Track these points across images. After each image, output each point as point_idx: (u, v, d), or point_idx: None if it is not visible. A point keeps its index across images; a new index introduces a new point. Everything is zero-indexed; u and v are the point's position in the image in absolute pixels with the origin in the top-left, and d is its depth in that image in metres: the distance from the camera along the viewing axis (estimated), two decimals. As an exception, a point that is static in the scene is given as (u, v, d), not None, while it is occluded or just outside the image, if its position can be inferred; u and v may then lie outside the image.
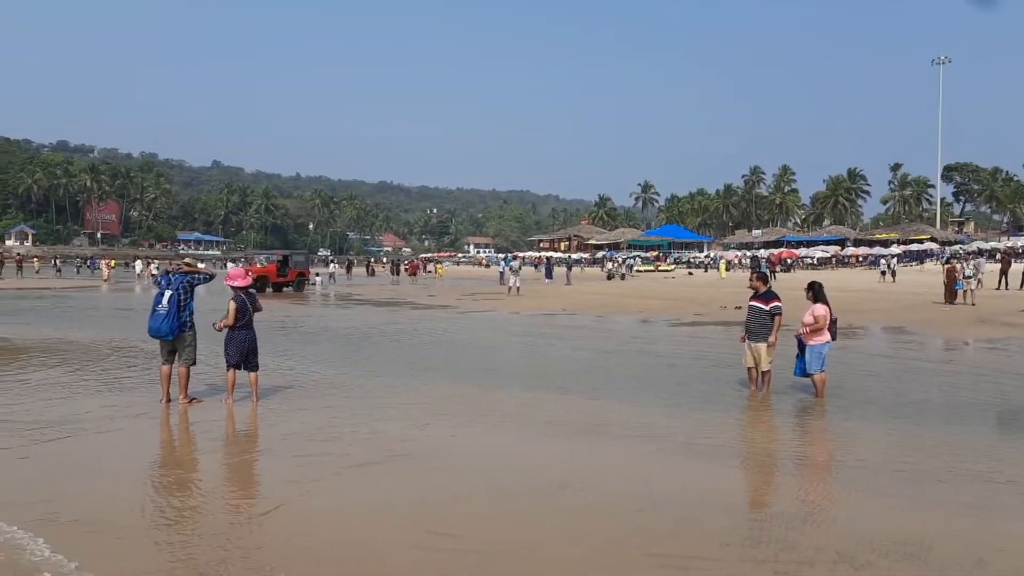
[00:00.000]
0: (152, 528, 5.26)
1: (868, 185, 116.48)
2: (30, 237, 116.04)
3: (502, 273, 48.57)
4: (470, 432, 8.20)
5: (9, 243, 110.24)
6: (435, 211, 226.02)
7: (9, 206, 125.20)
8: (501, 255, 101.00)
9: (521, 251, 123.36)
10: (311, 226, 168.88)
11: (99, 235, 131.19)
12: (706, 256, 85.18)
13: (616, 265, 60.83)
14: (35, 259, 70.95)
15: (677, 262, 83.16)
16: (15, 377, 11.41)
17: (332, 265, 58.56)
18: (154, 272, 48.85)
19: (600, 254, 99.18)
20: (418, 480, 6.43)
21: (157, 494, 6.06)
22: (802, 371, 10.15)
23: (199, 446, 7.90)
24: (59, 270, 61.13)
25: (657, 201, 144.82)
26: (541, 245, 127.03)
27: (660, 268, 73.12)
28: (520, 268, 38.28)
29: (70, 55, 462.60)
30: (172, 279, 9.33)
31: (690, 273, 63.27)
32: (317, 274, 48.02)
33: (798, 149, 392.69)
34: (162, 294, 9.22)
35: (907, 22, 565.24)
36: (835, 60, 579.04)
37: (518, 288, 34.85)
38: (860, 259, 74.06)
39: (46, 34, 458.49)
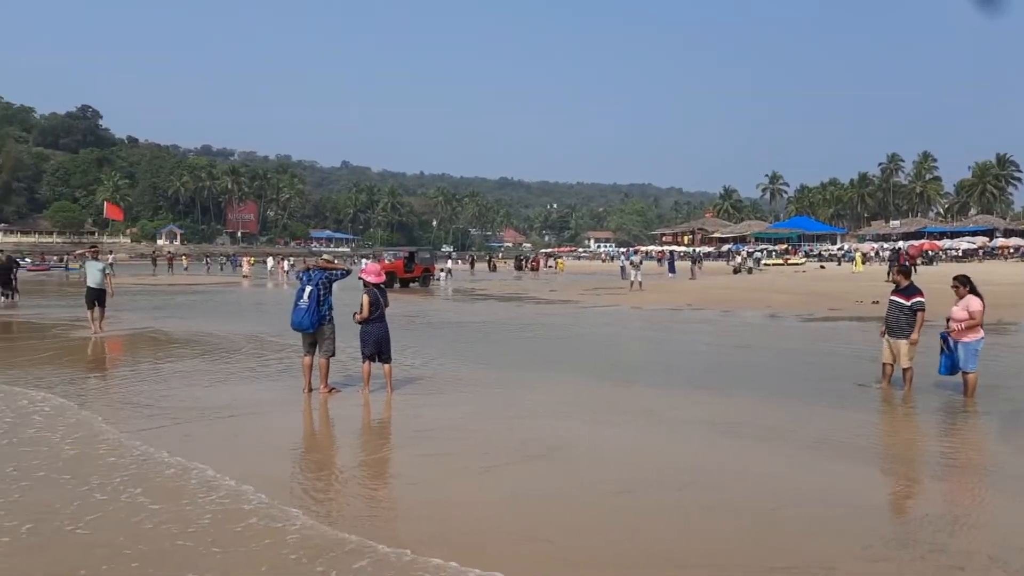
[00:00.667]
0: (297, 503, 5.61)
1: (1020, 172, 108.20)
2: (179, 236, 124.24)
3: (623, 268, 48.15)
4: (602, 428, 8.22)
5: (160, 242, 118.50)
6: (555, 206, 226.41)
7: (160, 207, 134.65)
8: (622, 249, 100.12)
9: (643, 245, 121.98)
10: (434, 223, 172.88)
11: (239, 234, 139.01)
12: (839, 249, 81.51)
13: (743, 259, 59.13)
14: (184, 257, 76.13)
15: (808, 255, 79.99)
16: (175, 367, 12.32)
17: (448, 261, 58.89)
18: (286, 268, 51.29)
19: (725, 247, 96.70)
20: (555, 476, 6.52)
21: (302, 474, 6.42)
22: (948, 369, 9.61)
23: (338, 433, 8.32)
24: (210, 267, 65.25)
25: (786, 192, 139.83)
26: (664, 239, 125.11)
27: (789, 262, 70.51)
28: (642, 263, 37.81)
29: (211, 66, 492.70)
30: (312, 275, 9.82)
31: (822, 267, 60.70)
32: (442, 269, 49.16)
33: (940, 134, 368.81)
34: (303, 289, 9.74)
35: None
36: (981, 36, 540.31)
37: (640, 283, 34.50)
38: (1012, 251, 68.91)
39: (190, 48, 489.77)
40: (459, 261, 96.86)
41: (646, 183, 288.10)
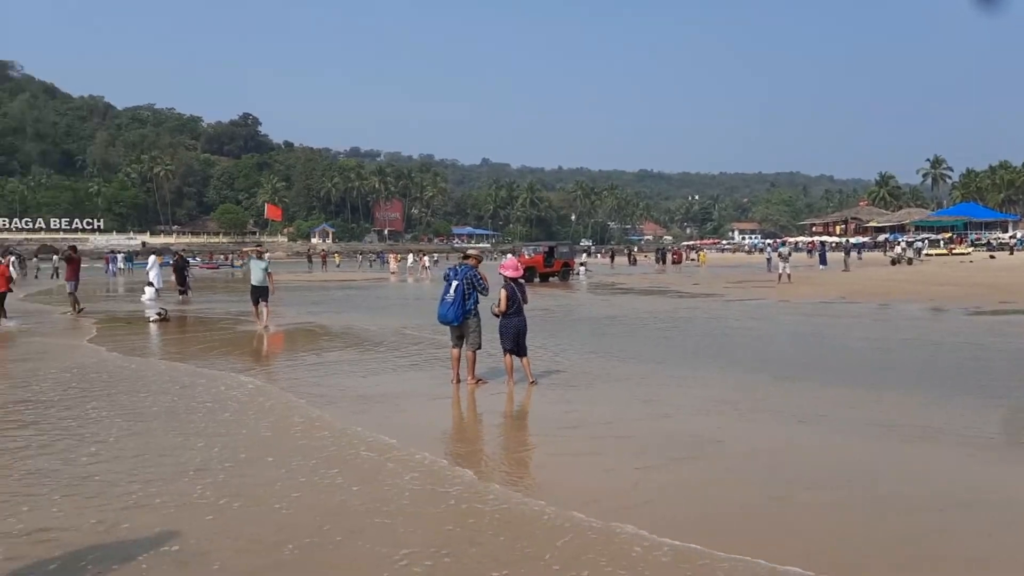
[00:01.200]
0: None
1: None
2: (330, 235, 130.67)
3: (769, 260, 46.47)
4: (756, 427, 8.00)
5: (314, 240, 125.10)
6: (696, 197, 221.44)
7: (313, 208, 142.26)
8: (768, 241, 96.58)
9: (791, 236, 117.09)
10: (573, 217, 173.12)
11: (386, 232, 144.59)
12: (1011, 237, 75.23)
13: (902, 249, 55.68)
14: (336, 254, 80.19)
15: (975, 244, 74.31)
16: (335, 357, 13.00)
17: (584, 255, 57.82)
18: (426, 264, 52.66)
19: (882, 237, 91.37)
20: (710, 473, 6.42)
21: (454, 464, 6.63)
22: None
23: (486, 423, 8.52)
24: (361, 264, 67.58)
25: (949, 177, 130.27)
26: (814, 229, 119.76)
27: (954, 251, 65.74)
28: (790, 254, 36.35)
29: (357, 71, 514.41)
30: (459, 271, 10.09)
31: (991, 256, 56.23)
32: (581, 264, 49.14)
33: None
34: (450, 284, 10.03)
35: None
36: None
37: (788, 275, 33.18)
38: None
39: (337, 54, 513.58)
40: (598, 255, 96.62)
41: (794, 171, 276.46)
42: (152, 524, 5.05)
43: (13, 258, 36.65)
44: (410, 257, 60.07)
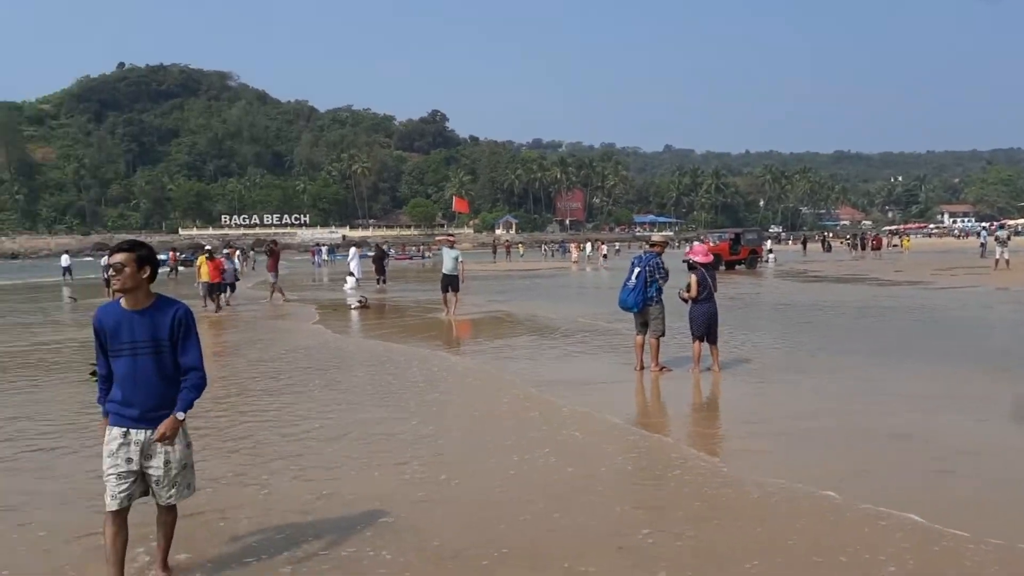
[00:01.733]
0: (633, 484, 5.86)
1: None
2: (514, 226, 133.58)
3: (984, 244, 42.44)
4: (979, 425, 7.45)
5: (498, 231, 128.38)
6: (900, 179, 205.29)
7: (498, 200, 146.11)
8: (984, 224, 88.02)
9: (1010, 218, 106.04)
10: (761, 203, 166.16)
11: (567, 221, 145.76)
12: None
13: None
14: (519, 244, 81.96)
15: None
16: (520, 343, 13.41)
17: (768, 242, 53.69)
18: (604, 252, 52.43)
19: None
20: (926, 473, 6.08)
21: (638, 451, 6.68)
22: None
23: (674, 409, 8.49)
24: (545, 253, 67.90)
25: None
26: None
27: None
28: (1009, 238, 32.98)
29: (528, 64, 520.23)
30: (643, 258, 10.08)
31: None
32: (769, 251, 47.21)
33: None
34: (632, 271, 10.04)
35: None
36: None
37: (1007, 260, 30.15)
38: None
39: (512, 52, 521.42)
40: (788, 242, 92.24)
41: (1013, 147, 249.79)
42: (369, 496, 5.44)
43: (239, 251, 40.54)
44: (588, 246, 60.13)
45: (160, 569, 4.13)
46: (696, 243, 15.00)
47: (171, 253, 44.82)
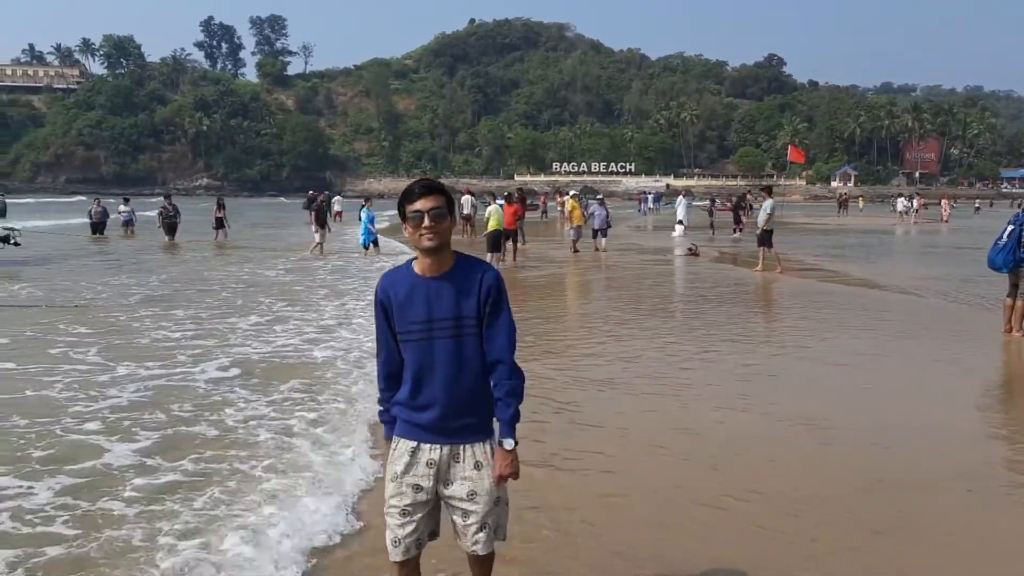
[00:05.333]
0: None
1: None
2: (852, 178, 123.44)
3: None
4: None
5: (834, 184, 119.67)
6: None
7: (835, 149, 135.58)
8: None
9: None
10: None
11: (916, 174, 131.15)
12: None
13: None
14: (859, 198, 75.96)
15: None
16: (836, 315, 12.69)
17: None
18: (947, 210, 45.67)
19: None
20: None
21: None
22: None
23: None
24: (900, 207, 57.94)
25: None
26: None
27: None
28: None
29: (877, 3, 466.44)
30: (1019, 216, 9.21)
31: None
32: None
33: None
34: (1005, 229, 9.14)
35: None
36: None
37: None
38: None
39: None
40: None
41: None
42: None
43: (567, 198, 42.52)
44: (900, 202, 51.02)
45: None
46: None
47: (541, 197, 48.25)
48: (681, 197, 30.10)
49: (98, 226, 27.43)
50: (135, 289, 13.73)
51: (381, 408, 2.91)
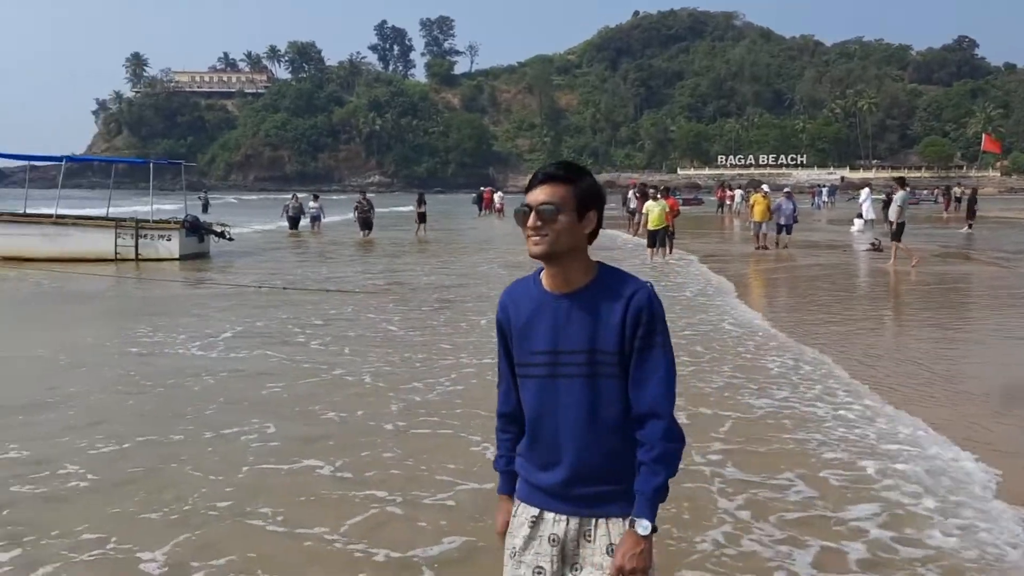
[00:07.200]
0: None
1: None
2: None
3: None
4: None
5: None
6: None
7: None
8: None
9: None
10: None
11: None
12: None
13: None
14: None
15: None
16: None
17: None
18: None
19: None
20: None
21: None
22: None
23: None
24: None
25: None
26: None
27: None
28: None
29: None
30: None
31: None
32: None
33: None
34: None
35: None
36: None
37: None
38: None
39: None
40: None
41: None
42: None
43: (739, 191, 41.66)
44: None
45: None
46: None
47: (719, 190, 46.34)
48: (866, 191, 28.56)
49: (294, 221, 29.42)
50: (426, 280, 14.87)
51: (498, 453, 2.29)
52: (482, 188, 37.16)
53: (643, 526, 1.97)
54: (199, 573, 3.72)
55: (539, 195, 2.02)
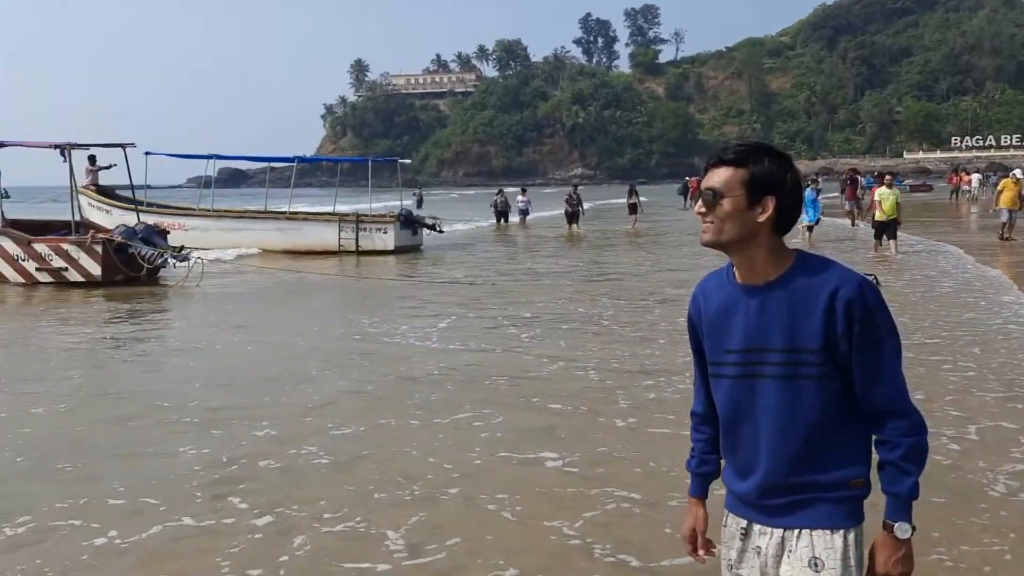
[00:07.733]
0: None
1: None
2: None
3: None
4: None
5: None
6: None
7: None
8: None
9: None
10: None
11: None
12: None
13: None
14: None
15: None
16: None
17: None
18: None
19: None
20: None
21: None
22: None
23: None
24: None
25: None
26: None
27: None
28: None
29: None
30: None
31: None
32: None
33: None
34: None
35: None
36: None
37: None
38: None
39: None
40: None
41: None
42: None
43: (977, 176, 37.61)
44: None
45: None
46: None
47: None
48: None
49: (501, 215, 30.19)
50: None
51: (691, 453, 2.16)
52: (688, 178, 36.03)
53: (903, 529, 1.83)
54: (439, 554, 3.77)
55: (708, 179, 1.89)
